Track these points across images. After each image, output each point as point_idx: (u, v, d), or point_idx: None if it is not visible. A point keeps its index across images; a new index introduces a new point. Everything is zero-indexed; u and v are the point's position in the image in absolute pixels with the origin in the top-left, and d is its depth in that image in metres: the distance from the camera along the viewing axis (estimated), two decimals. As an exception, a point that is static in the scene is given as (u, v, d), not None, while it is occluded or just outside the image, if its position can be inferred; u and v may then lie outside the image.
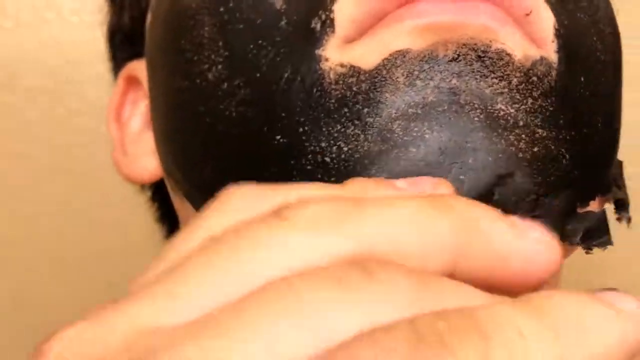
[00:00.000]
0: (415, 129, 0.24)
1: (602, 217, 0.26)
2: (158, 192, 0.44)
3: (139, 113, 0.37)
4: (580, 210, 0.26)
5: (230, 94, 0.26)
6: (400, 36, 0.24)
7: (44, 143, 0.58)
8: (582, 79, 0.27)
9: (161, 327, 0.15)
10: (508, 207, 0.23)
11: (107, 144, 0.59)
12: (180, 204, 0.33)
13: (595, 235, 0.26)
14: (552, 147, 0.25)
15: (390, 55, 0.24)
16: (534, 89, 0.25)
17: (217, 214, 0.19)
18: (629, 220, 0.28)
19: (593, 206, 0.27)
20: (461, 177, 0.23)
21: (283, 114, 0.25)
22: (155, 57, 0.32)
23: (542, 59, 0.26)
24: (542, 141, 0.25)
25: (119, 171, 0.37)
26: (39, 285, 0.59)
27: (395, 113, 0.24)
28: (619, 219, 0.28)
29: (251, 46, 0.26)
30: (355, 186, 0.19)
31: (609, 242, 0.26)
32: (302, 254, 0.16)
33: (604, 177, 0.28)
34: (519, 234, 0.17)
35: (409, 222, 0.16)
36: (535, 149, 0.24)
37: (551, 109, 0.25)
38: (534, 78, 0.25)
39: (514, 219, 0.18)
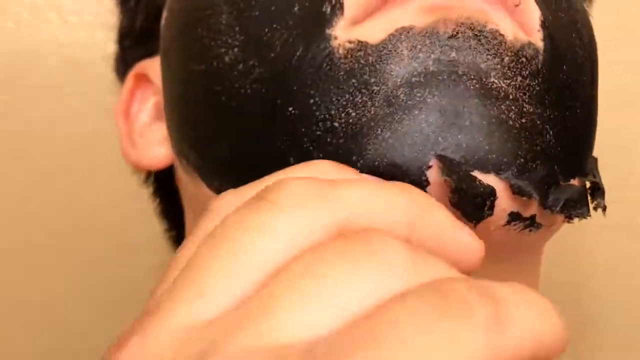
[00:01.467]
0: (418, 94, 0.26)
1: (582, 191, 0.29)
2: (160, 187, 0.46)
3: (147, 108, 0.40)
4: (562, 183, 0.28)
5: (245, 74, 0.29)
6: (405, 14, 0.27)
7: (44, 143, 0.58)
8: (565, 67, 0.29)
9: (201, 322, 0.18)
10: (502, 168, 0.26)
11: (107, 144, 0.59)
12: (192, 185, 0.35)
13: (575, 206, 0.28)
14: (538, 122, 0.28)
15: (396, 30, 0.27)
16: (523, 69, 0.28)
17: (211, 218, 0.22)
18: (604, 208, 0.30)
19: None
20: (459, 136, 0.26)
21: (295, 88, 0.28)
22: (171, 49, 0.34)
23: (530, 43, 0.28)
24: (529, 115, 0.27)
25: (127, 160, 0.40)
26: (39, 285, 0.59)
27: (400, 81, 0.27)
28: (595, 207, 0.30)
29: (266, 30, 0.29)
30: (322, 166, 0.24)
31: (587, 213, 0.29)
32: (293, 232, 0.19)
33: (582, 162, 0.30)
34: (459, 226, 0.22)
35: (376, 196, 0.20)
36: (523, 120, 0.27)
37: (538, 88, 0.28)
38: (523, 59, 0.28)
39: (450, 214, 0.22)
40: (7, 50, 0.58)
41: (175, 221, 0.46)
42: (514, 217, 0.27)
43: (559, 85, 0.29)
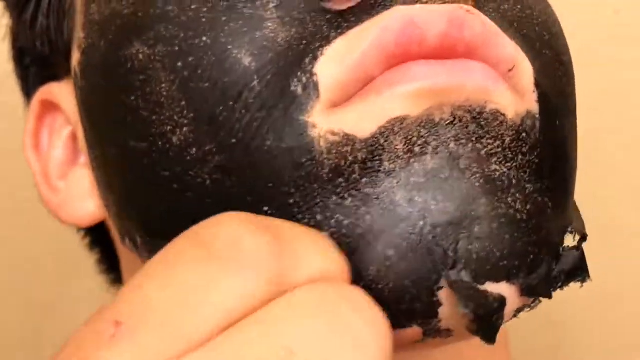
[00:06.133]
0: (420, 199, 0.23)
1: (581, 254, 0.26)
2: (97, 236, 0.41)
3: (60, 142, 0.35)
4: (561, 252, 0.25)
5: (202, 160, 0.25)
6: (396, 102, 0.23)
7: (44, 143, 0.58)
8: (558, 122, 0.26)
9: None
10: (513, 273, 0.23)
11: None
12: (129, 255, 0.31)
13: (577, 273, 0.26)
14: (540, 199, 0.25)
15: (388, 122, 0.23)
16: (523, 145, 0.25)
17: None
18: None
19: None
20: (469, 247, 0.23)
21: (270, 184, 0.24)
22: (96, 107, 0.29)
23: (528, 113, 0.25)
24: (532, 197, 0.24)
25: (50, 210, 0.35)
26: (39, 285, 0.59)
27: (397, 183, 0.23)
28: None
29: (221, 108, 0.24)
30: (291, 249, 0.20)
31: (588, 276, 0.26)
32: (238, 294, 0.19)
33: (569, 211, 0.28)
34: None
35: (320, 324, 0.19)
36: (528, 207, 0.24)
37: (537, 161, 0.25)
38: (524, 134, 0.25)
39: None
40: (8, 50, 0.58)
41: (117, 270, 0.41)
42: (517, 312, 0.25)
43: (554, 147, 0.26)
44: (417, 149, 0.23)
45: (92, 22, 0.29)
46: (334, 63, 0.24)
